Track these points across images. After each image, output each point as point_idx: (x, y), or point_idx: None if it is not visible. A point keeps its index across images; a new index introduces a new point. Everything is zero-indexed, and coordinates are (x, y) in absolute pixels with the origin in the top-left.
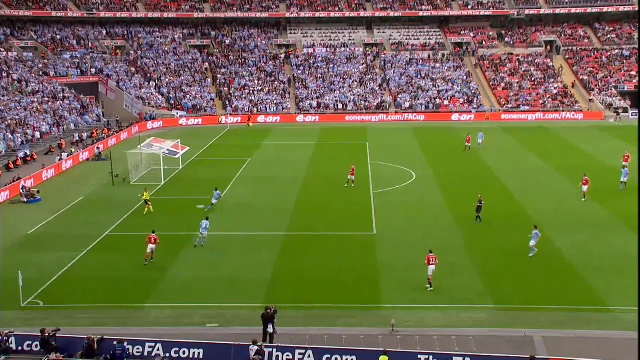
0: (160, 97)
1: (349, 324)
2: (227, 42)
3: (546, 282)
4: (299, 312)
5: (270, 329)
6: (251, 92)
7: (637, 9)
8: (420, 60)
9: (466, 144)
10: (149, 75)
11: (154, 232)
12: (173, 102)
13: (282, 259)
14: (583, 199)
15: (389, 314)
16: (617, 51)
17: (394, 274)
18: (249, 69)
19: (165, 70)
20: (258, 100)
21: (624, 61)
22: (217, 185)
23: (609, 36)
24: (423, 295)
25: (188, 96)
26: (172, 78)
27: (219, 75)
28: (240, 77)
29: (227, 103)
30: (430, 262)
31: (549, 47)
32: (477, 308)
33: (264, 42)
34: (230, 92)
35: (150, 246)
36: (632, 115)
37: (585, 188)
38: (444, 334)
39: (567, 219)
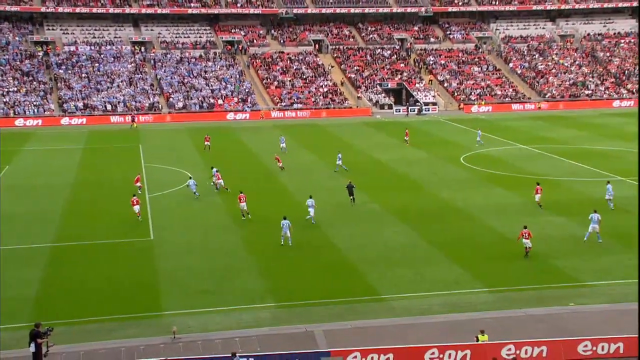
0: None
1: (127, 336)
2: None
3: (324, 276)
4: (72, 327)
5: (32, 348)
6: (5, 92)
7: (394, 10)
8: (192, 59)
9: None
10: None
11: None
12: None
13: (49, 273)
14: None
15: (170, 321)
16: (379, 50)
17: (174, 280)
18: (1, 67)
19: None
20: (14, 102)
21: (385, 60)
22: None
23: (371, 36)
24: (204, 299)
25: None
26: None
27: None
28: None
29: None
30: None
31: (317, 45)
32: (259, 307)
33: (17, 38)
34: None
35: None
36: (395, 112)
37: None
38: (227, 337)
39: (343, 214)
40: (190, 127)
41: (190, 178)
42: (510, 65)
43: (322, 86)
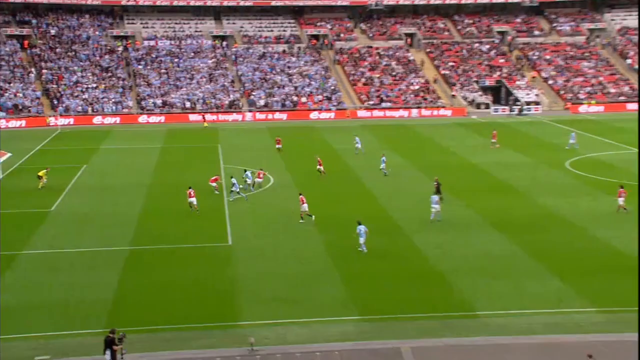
0: None
1: (203, 346)
2: (53, 32)
3: (412, 288)
4: (146, 335)
5: (107, 356)
6: (85, 89)
7: (494, 1)
8: (275, 54)
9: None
10: None
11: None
12: None
13: (125, 277)
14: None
15: (248, 331)
16: (476, 45)
17: (252, 288)
18: (81, 63)
19: None
20: (93, 99)
21: (483, 55)
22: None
23: (468, 29)
24: (283, 308)
25: (7, 94)
26: None
27: (44, 70)
28: (71, 73)
29: (57, 102)
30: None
31: (409, 39)
32: (342, 320)
33: (97, 32)
34: (60, 89)
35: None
36: (493, 112)
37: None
38: (308, 350)
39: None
40: (271, 126)
41: (232, 177)
42: (628, 61)
43: (413, 83)
